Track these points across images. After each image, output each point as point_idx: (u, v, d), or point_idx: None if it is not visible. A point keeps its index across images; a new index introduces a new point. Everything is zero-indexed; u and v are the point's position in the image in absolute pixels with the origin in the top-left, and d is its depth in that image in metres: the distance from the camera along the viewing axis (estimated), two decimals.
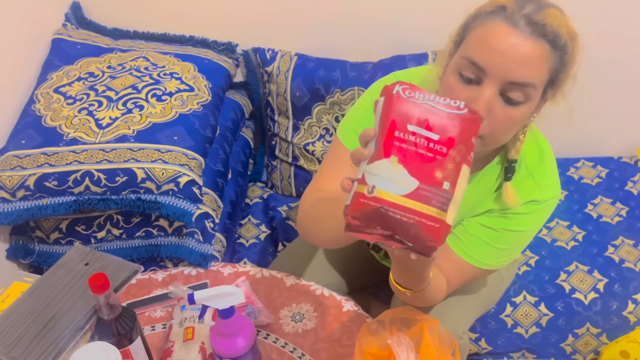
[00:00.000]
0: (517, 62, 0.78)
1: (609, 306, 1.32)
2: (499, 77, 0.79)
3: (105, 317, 0.88)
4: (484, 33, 0.80)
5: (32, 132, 1.24)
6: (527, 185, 0.93)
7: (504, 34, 0.78)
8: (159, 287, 1.18)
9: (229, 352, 0.90)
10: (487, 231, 0.96)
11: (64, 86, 1.34)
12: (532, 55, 0.78)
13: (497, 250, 0.97)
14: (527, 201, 0.93)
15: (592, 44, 1.58)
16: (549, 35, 0.78)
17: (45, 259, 1.28)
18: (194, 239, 1.24)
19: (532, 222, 0.96)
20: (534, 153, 0.94)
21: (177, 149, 1.22)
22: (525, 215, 0.94)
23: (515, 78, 0.79)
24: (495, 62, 0.79)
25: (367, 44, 1.60)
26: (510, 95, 0.80)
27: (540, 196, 0.93)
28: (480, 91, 0.80)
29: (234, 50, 1.62)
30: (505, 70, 0.79)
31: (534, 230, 0.98)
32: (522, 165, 0.93)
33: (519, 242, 0.99)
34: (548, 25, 0.78)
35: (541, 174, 0.94)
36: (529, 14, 0.78)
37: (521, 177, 0.93)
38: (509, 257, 1.00)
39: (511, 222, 0.95)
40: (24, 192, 1.17)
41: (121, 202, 1.18)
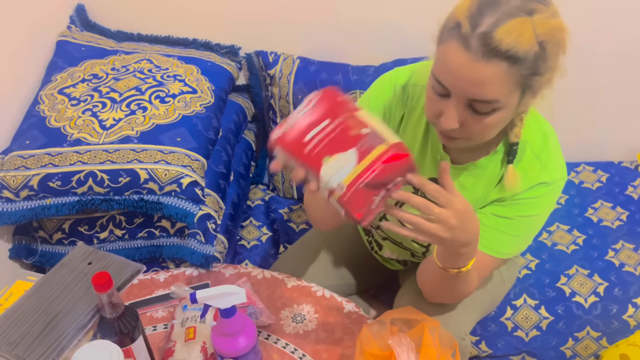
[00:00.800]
0: (473, 84, 0.78)
1: (609, 310, 1.32)
2: (461, 96, 0.81)
3: (108, 316, 0.88)
4: (443, 52, 0.80)
5: (37, 133, 1.25)
6: (535, 168, 0.93)
7: (457, 57, 0.77)
8: (161, 287, 1.19)
9: (230, 352, 0.90)
10: (502, 221, 0.96)
11: (68, 87, 1.35)
12: (487, 76, 0.77)
13: (514, 238, 0.98)
14: (536, 184, 0.93)
15: (593, 50, 1.60)
16: (505, 54, 0.75)
17: (48, 259, 1.29)
18: (196, 240, 1.25)
19: (544, 205, 0.95)
20: (537, 136, 0.94)
21: (180, 151, 1.23)
22: (537, 198, 0.94)
23: (475, 97, 0.80)
24: (453, 83, 0.80)
25: (369, 47, 1.61)
26: (478, 108, 0.81)
27: (549, 177, 0.93)
28: (448, 106, 0.82)
29: (237, 53, 1.63)
30: (464, 91, 0.80)
31: (547, 213, 0.98)
32: (527, 149, 0.93)
33: (534, 226, 0.99)
34: (504, 44, 0.74)
35: (547, 155, 0.94)
36: (483, 33, 0.75)
37: (527, 161, 0.93)
38: (525, 242, 1.00)
39: (524, 207, 0.95)
40: (28, 192, 1.18)
41: (124, 202, 1.19)
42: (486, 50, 0.75)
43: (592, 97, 1.70)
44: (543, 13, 0.77)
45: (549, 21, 0.77)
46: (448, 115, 0.82)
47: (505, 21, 0.75)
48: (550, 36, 0.78)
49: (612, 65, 1.63)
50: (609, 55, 1.61)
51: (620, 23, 1.56)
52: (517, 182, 0.92)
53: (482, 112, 0.81)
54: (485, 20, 0.75)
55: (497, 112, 0.82)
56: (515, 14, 0.75)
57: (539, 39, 0.76)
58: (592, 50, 1.61)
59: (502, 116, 0.83)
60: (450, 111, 0.82)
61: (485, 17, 0.76)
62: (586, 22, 1.56)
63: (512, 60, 0.76)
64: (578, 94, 1.69)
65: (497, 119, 0.83)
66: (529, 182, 0.93)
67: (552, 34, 0.78)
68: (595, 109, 1.72)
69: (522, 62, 0.76)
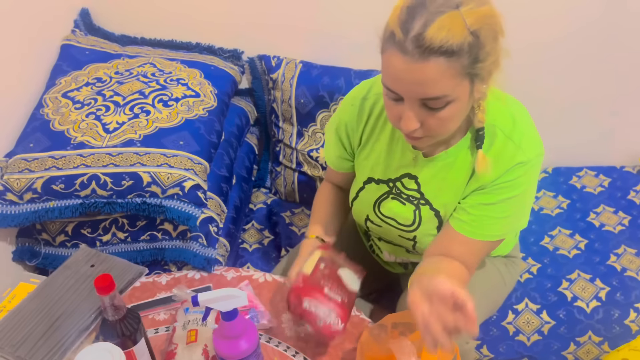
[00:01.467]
0: (418, 84, 0.81)
1: (611, 314, 1.32)
2: (411, 98, 0.84)
3: (110, 318, 0.89)
4: (386, 61, 0.84)
5: (40, 136, 1.26)
6: (509, 150, 0.94)
7: (397, 62, 0.81)
8: (163, 290, 1.19)
9: (231, 355, 0.90)
10: (488, 207, 0.97)
11: (72, 91, 1.36)
12: (429, 75, 0.80)
13: (502, 220, 0.99)
14: (513, 165, 0.94)
15: (595, 55, 1.60)
16: (440, 50, 0.78)
17: (51, 261, 1.30)
18: (198, 243, 1.25)
19: (526, 182, 0.96)
20: (505, 117, 0.95)
21: (182, 154, 1.24)
22: (517, 179, 0.95)
23: (424, 96, 0.83)
24: (401, 88, 0.84)
25: (372, 51, 1.61)
26: (431, 105, 0.84)
27: (524, 157, 0.94)
28: (404, 109, 0.86)
29: (240, 58, 1.64)
30: (412, 93, 0.83)
31: (531, 190, 0.99)
32: (497, 132, 0.95)
33: (521, 204, 0.99)
34: (436, 41, 0.77)
35: (519, 135, 0.95)
36: (415, 36, 0.78)
37: (500, 144, 0.95)
38: (515, 222, 1.02)
39: (506, 190, 0.96)
40: (32, 194, 1.19)
41: (127, 205, 1.19)
42: (422, 51, 0.78)
43: (594, 102, 1.70)
44: (469, 4, 0.79)
45: (478, 10, 0.80)
46: (406, 117, 0.86)
47: (434, 20, 0.78)
48: (482, 23, 0.80)
49: (615, 69, 1.63)
50: (611, 60, 1.62)
51: (623, 29, 1.56)
52: (488, 167, 0.94)
53: (436, 107, 0.84)
54: (415, 23, 0.79)
55: (451, 104, 0.84)
56: (442, 11, 0.78)
57: (470, 29, 0.79)
58: (594, 55, 1.61)
59: (457, 107, 0.86)
60: (407, 114, 0.86)
61: (415, 21, 0.79)
62: (586, 28, 1.57)
63: (448, 54, 0.79)
64: (581, 98, 1.69)
65: (452, 111, 0.85)
66: (505, 165, 0.94)
67: (483, 21, 0.80)
68: (598, 114, 1.72)
69: (459, 54, 0.79)
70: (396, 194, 1.07)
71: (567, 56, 1.62)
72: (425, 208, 1.04)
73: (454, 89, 0.82)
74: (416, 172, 1.03)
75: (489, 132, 0.95)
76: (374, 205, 1.10)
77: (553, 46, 1.60)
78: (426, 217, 1.05)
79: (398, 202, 1.07)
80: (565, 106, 1.71)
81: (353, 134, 1.08)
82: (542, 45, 1.59)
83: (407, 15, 0.80)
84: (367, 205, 1.12)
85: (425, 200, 1.04)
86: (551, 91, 1.67)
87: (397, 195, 1.07)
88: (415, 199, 1.05)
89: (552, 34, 1.58)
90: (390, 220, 1.10)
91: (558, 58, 1.62)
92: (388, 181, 1.07)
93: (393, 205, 1.08)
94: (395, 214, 1.09)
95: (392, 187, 1.07)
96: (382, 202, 1.09)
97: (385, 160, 1.05)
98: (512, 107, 0.98)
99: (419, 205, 1.05)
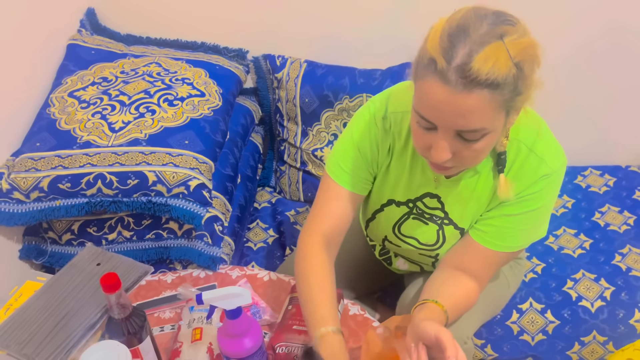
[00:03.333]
0: (458, 115, 0.79)
1: (616, 314, 1.31)
2: (447, 128, 0.81)
3: (116, 317, 0.89)
4: (423, 89, 0.80)
5: (47, 135, 1.27)
6: (532, 163, 0.93)
7: (438, 92, 0.77)
8: (168, 288, 1.20)
9: (236, 353, 0.91)
10: (510, 219, 0.97)
11: (78, 90, 1.37)
12: (470, 107, 0.77)
13: (523, 232, 0.98)
14: (538, 178, 0.93)
15: (600, 55, 1.60)
16: (485, 82, 0.75)
17: (57, 259, 1.30)
18: (203, 242, 1.26)
19: (549, 194, 0.96)
20: (528, 131, 0.94)
21: (187, 153, 1.24)
22: (541, 191, 0.94)
23: (462, 128, 0.80)
24: (438, 117, 0.81)
25: (376, 51, 1.62)
26: (467, 137, 0.82)
27: (548, 169, 0.93)
28: (436, 138, 0.83)
29: (245, 57, 1.65)
30: (450, 123, 0.81)
31: (552, 201, 0.98)
32: (520, 147, 0.94)
33: (541, 217, 0.99)
34: (482, 73, 0.74)
35: (542, 147, 0.94)
36: (459, 65, 0.75)
37: (523, 157, 0.94)
38: (535, 233, 1.01)
39: (530, 202, 0.95)
40: (38, 193, 1.19)
41: (132, 204, 1.20)
42: (466, 82, 0.76)
43: (599, 101, 1.69)
44: (513, 34, 0.77)
45: (521, 41, 0.78)
46: (439, 147, 0.83)
47: (479, 50, 0.75)
48: (525, 55, 0.78)
49: (620, 69, 1.63)
50: (616, 59, 1.61)
51: (627, 27, 1.56)
52: (510, 192, 0.93)
53: (471, 140, 0.82)
54: (458, 52, 0.76)
55: (486, 136, 0.82)
56: (487, 41, 0.75)
57: (515, 61, 0.76)
58: (599, 54, 1.61)
59: (492, 139, 0.84)
60: (440, 144, 0.83)
61: (458, 49, 0.76)
62: (596, 28, 1.56)
63: (493, 86, 0.76)
64: (585, 97, 1.69)
65: (486, 143, 0.84)
66: (529, 179, 0.94)
67: (526, 53, 0.78)
68: (603, 113, 1.71)
69: (503, 87, 0.77)
70: (418, 214, 1.05)
71: (572, 55, 1.61)
72: (450, 228, 1.03)
73: (492, 121, 0.80)
74: (438, 191, 1.01)
75: (512, 147, 0.93)
76: (393, 227, 1.09)
77: (557, 44, 1.60)
78: (450, 236, 1.04)
79: (420, 222, 1.05)
80: (570, 105, 1.70)
81: (379, 155, 1.03)
82: (546, 43, 1.58)
83: (449, 42, 0.76)
84: (386, 226, 1.10)
85: (450, 220, 1.03)
86: (556, 90, 1.66)
87: (418, 215, 1.05)
88: (439, 218, 1.03)
89: (556, 31, 1.58)
90: (411, 239, 1.09)
91: (563, 57, 1.61)
92: (408, 202, 1.04)
93: (414, 225, 1.06)
94: (417, 234, 1.07)
95: (413, 207, 1.04)
96: (403, 223, 1.07)
97: (407, 181, 1.02)
98: (533, 119, 0.96)
99: (442, 225, 1.04)
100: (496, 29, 0.77)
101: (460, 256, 1.02)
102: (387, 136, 1.00)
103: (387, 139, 1.01)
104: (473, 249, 1.00)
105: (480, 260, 1.00)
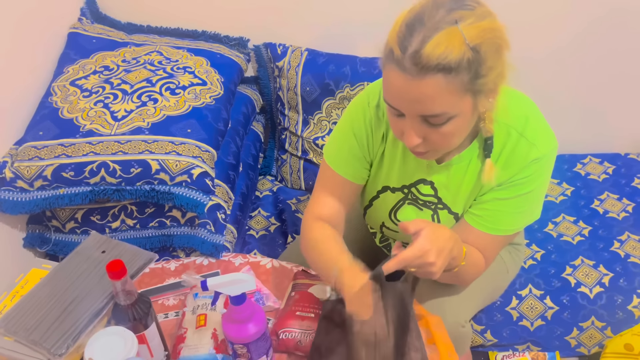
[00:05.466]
0: (416, 101, 0.81)
1: (614, 300, 1.33)
2: (411, 113, 0.84)
3: (122, 303, 0.91)
4: (385, 77, 0.84)
5: (50, 124, 1.27)
6: (522, 148, 0.94)
7: (396, 79, 0.81)
8: (172, 276, 1.21)
9: (240, 338, 0.92)
10: (504, 202, 0.98)
11: (80, 79, 1.37)
12: (426, 92, 0.79)
13: (518, 215, 1.00)
14: (528, 162, 0.95)
15: (597, 42, 1.60)
16: (437, 67, 0.77)
17: (61, 247, 1.31)
18: (206, 230, 1.27)
19: (541, 177, 0.97)
20: (517, 115, 0.95)
21: (190, 142, 1.25)
22: (532, 175, 0.96)
23: (423, 113, 0.83)
24: (400, 104, 0.84)
25: (377, 39, 1.61)
26: (432, 121, 0.84)
27: (538, 153, 0.94)
28: (405, 124, 0.86)
29: (246, 45, 1.64)
30: (412, 109, 0.83)
31: (544, 184, 1.00)
32: (510, 132, 0.95)
33: (534, 200, 1.00)
34: (433, 58, 0.76)
35: (531, 132, 0.95)
36: (413, 53, 0.77)
37: (513, 142, 0.95)
38: (529, 216, 1.02)
39: (523, 186, 0.96)
40: (42, 182, 1.20)
41: (135, 192, 1.21)
42: (419, 68, 0.78)
43: (598, 89, 1.70)
44: (468, 19, 0.78)
45: (477, 24, 0.78)
46: (407, 134, 0.87)
47: (432, 36, 0.77)
48: (482, 38, 0.79)
49: (618, 56, 1.63)
50: (613, 46, 1.61)
51: (626, 16, 1.56)
52: (493, 176, 0.94)
53: (437, 124, 0.84)
54: (413, 40, 0.78)
55: (452, 120, 0.84)
56: (440, 27, 0.77)
57: (470, 44, 0.77)
58: (597, 42, 1.61)
59: (460, 122, 0.85)
60: (408, 130, 0.86)
61: (413, 38, 0.78)
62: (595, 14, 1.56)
63: (446, 70, 0.78)
64: (584, 86, 1.69)
65: (454, 126, 0.85)
66: (520, 163, 0.95)
67: (483, 36, 0.79)
68: (602, 101, 1.72)
69: (457, 70, 0.78)
70: (412, 199, 1.07)
71: (570, 43, 1.61)
72: (444, 212, 1.05)
73: (454, 105, 0.82)
74: (431, 177, 1.03)
75: (502, 132, 0.95)
76: (389, 213, 1.10)
77: (556, 33, 1.60)
78: (445, 221, 1.06)
79: (415, 208, 1.07)
80: (569, 93, 1.71)
81: (374, 141, 1.04)
82: (544, 34, 1.58)
83: (406, 32, 0.79)
84: (382, 213, 1.11)
85: (444, 205, 1.04)
86: (555, 78, 1.67)
87: (413, 201, 1.07)
88: (433, 204, 1.05)
89: (554, 19, 1.58)
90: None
91: (561, 45, 1.62)
92: (403, 188, 1.06)
93: (410, 211, 1.08)
94: None
95: (408, 193, 1.06)
96: (399, 209, 1.09)
97: (400, 167, 1.04)
98: (523, 103, 0.98)
99: (436, 209, 1.05)
100: (452, 14, 0.78)
101: None
102: (381, 124, 1.02)
103: (380, 126, 1.03)
104: (469, 233, 1.01)
105: (479, 243, 1.01)
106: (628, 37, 1.59)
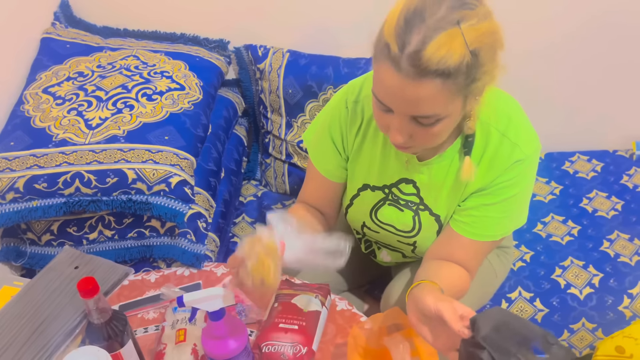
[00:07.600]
0: (409, 102, 0.79)
1: (605, 301, 1.31)
2: (402, 112, 0.81)
3: (96, 321, 0.87)
4: (378, 73, 0.80)
5: (21, 134, 1.23)
6: (505, 148, 0.92)
7: (390, 78, 0.77)
8: (152, 288, 1.17)
9: (220, 354, 0.89)
10: (490, 207, 0.96)
11: (53, 86, 1.33)
12: (422, 95, 0.77)
13: (504, 220, 0.98)
14: (511, 163, 0.92)
15: (585, 38, 1.58)
16: (436, 72, 0.74)
17: (38, 260, 1.27)
18: (186, 240, 1.23)
19: (525, 179, 0.95)
20: (500, 116, 0.93)
21: (168, 149, 1.21)
22: (516, 177, 0.93)
23: (414, 113, 0.80)
24: (391, 102, 0.81)
25: (360, 39, 1.58)
26: (422, 121, 0.82)
27: (521, 154, 0.92)
28: (393, 121, 0.83)
29: (226, 48, 1.61)
30: (403, 109, 0.80)
31: (529, 187, 0.98)
32: (491, 131, 0.92)
33: (520, 203, 0.98)
34: (434, 61, 0.73)
35: (514, 132, 0.92)
36: (411, 53, 0.74)
37: (495, 142, 0.92)
38: (515, 220, 1.00)
39: (507, 189, 0.94)
40: (14, 194, 1.16)
41: (112, 203, 1.17)
42: (417, 71, 0.74)
43: (585, 85, 1.68)
44: (471, 19, 0.74)
45: (479, 26, 0.75)
46: (394, 130, 0.84)
47: (434, 37, 0.73)
48: (482, 42, 0.76)
49: (606, 52, 1.61)
50: (601, 43, 1.60)
51: (616, 14, 1.54)
52: (472, 173, 0.92)
53: (426, 124, 0.82)
54: (412, 38, 0.74)
55: (442, 121, 0.82)
56: (442, 27, 0.73)
57: (470, 48, 0.74)
58: (586, 40, 1.59)
59: (448, 122, 0.83)
60: (395, 127, 0.83)
61: (413, 35, 0.74)
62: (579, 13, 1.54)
63: (444, 75, 0.75)
64: (572, 82, 1.68)
65: (443, 126, 0.83)
66: (503, 164, 0.92)
67: (483, 40, 0.76)
68: (589, 97, 1.70)
69: (455, 75, 0.75)
70: (393, 200, 1.05)
71: (558, 41, 1.60)
72: (425, 213, 1.03)
73: (446, 107, 0.80)
74: (412, 176, 1.00)
75: (483, 131, 0.92)
76: (370, 212, 1.08)
77: (544, 31, 1.58)
78: (426, 223, 1.03)
79: (396, 209, 1.05)
80: (557, 91, 1.69)
81: (348, 137, 1.03)
82: (533, 31, 1.56)
83: (404, 27, 0.74)
84: (362, 212, 1.10)
85: (425, 206, 1.02)
86: (543, 76, 1.65)
87: (394, 202, 1.05)
88: (414, 204, 1.03)
89: (543, 19, 1.56)
90: (388, 226, 1.08)
91: (549, 43, 1.60)
92: (384, 187, 1.04)
93: (390, 212, 1.06)
94: (393, 221, 1.07)
95: (388, 193, 1.04)
96: (379, 209, 1.07)
97: (380, 165, 1.02)
98: (505, 103, 0.95)
99: (417, 210, 1.03)
100: (454, 13, 0.74)
101: (444, 248, 1.02)
102: (357, 118, 1.01)
103: (355, 121, 1.01)
104: (456, 240, 0.99)
105: (464, 251, 0.99)
106: (617, 35, 1.58)
